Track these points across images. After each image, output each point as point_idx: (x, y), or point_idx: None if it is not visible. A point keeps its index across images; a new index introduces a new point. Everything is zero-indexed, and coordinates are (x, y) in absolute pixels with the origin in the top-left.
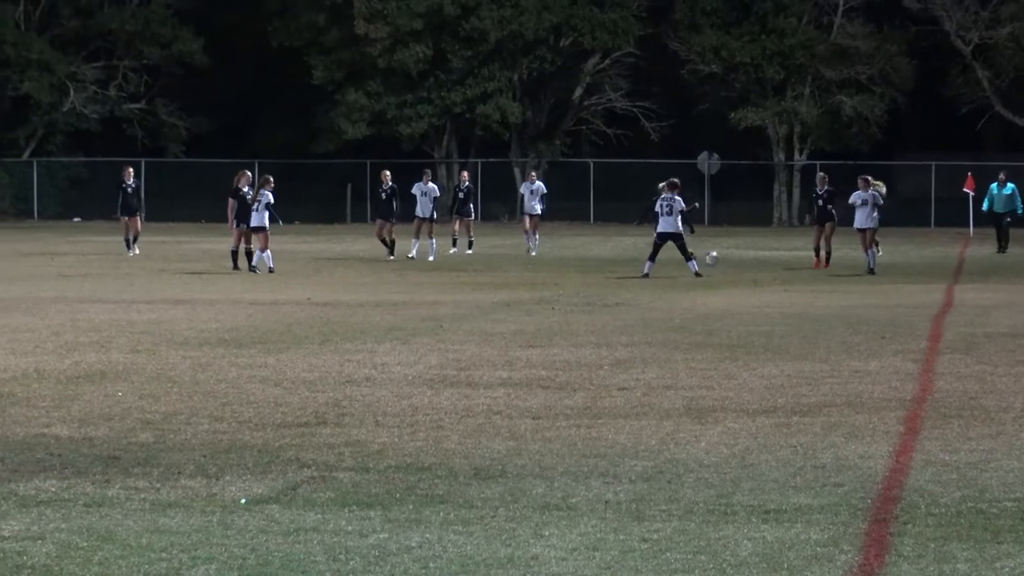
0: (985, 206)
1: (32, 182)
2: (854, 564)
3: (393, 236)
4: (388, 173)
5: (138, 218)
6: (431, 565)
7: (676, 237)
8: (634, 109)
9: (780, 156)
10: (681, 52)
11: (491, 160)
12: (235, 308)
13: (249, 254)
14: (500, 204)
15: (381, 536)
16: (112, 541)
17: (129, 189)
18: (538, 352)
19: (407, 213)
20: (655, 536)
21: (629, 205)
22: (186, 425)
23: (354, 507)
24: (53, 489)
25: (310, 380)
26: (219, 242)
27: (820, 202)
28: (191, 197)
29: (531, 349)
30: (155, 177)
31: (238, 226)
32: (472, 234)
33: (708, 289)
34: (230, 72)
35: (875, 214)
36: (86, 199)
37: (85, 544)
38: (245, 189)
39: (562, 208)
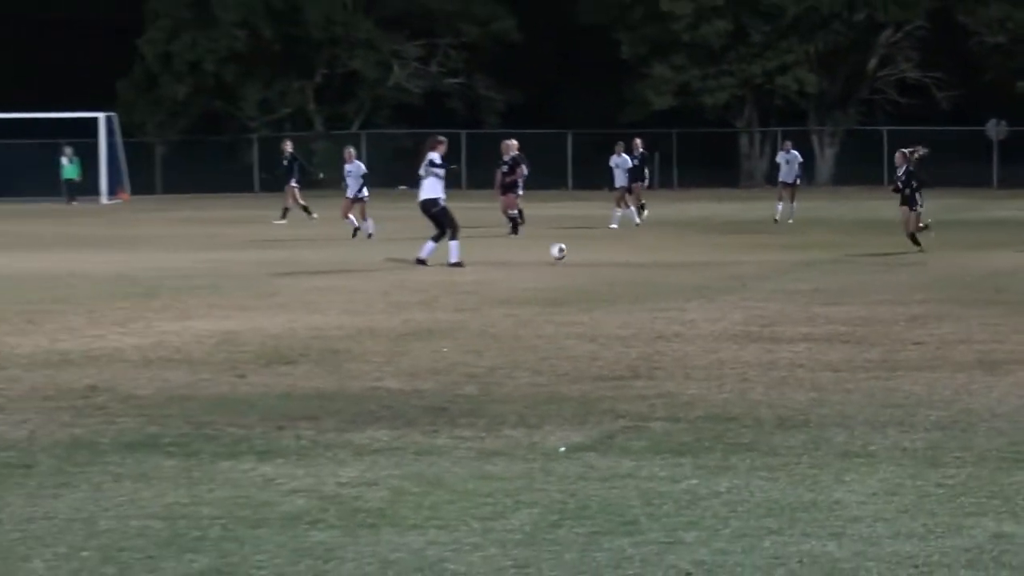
0: None
1: (362, 154)
2: None
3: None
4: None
5: (288, 189)
6: (739, 509)
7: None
8: (925, 79)
9: None
10: (969, 24)
11: (790, 128)
12: (551, 269)
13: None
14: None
15: (692, 482)
16: (441, 487)
17: (284, 162)
18: (837, 309)
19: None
20: (950, 481)
21: (926, 169)
22: (508, 378)
23: (666, 455)
24: (385, 438)
25: (623, 336)
26: (538, 208)
27: None
28: None
29: (830, 306)
30: (474, 147)
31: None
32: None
33: (994, 249)
34: (542, 48)
35: None
36: (411, 168)
37: (416, 489)
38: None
39: (857, 173)
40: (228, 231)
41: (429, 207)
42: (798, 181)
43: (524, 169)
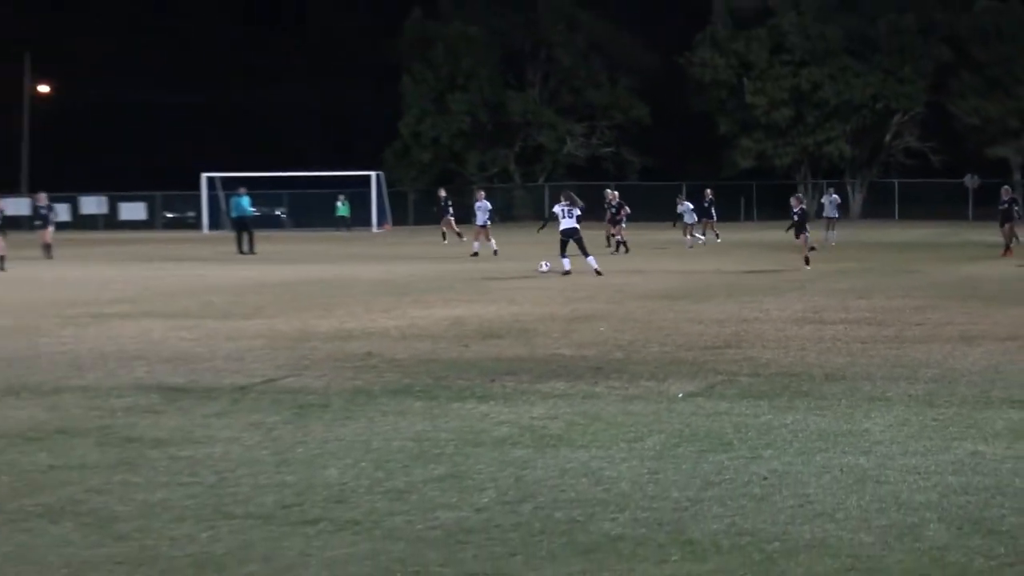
0: None
1: (544, 200)
2: None
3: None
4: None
5: (447, 220)
6: (800, 435)
7: None
8: (923, 147)
9: (1018, 176)
10: (955, 111)
11: (832, 181)
12: (670, 275)
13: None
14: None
15: (767, 417)
16: (599, 420)
17: (442, 203)
18: (864, 301)
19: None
20: (941, 417)
21: (924, 208)
22: (643, 348)
23: (750, 399)
24: (561, 387)
25: (720, 319)
26: (662, 235)
27: (1004, 206)
28: (646, 208)
29: (860, 299)
30: (621, 196)
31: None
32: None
33: (974, 262)
34: (666, 127)
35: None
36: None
37: (583, 422)
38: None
39: (877, 212)
40: (455, 250)
41: (575, 234)
42: (836, 215)
43: (627, 209)
